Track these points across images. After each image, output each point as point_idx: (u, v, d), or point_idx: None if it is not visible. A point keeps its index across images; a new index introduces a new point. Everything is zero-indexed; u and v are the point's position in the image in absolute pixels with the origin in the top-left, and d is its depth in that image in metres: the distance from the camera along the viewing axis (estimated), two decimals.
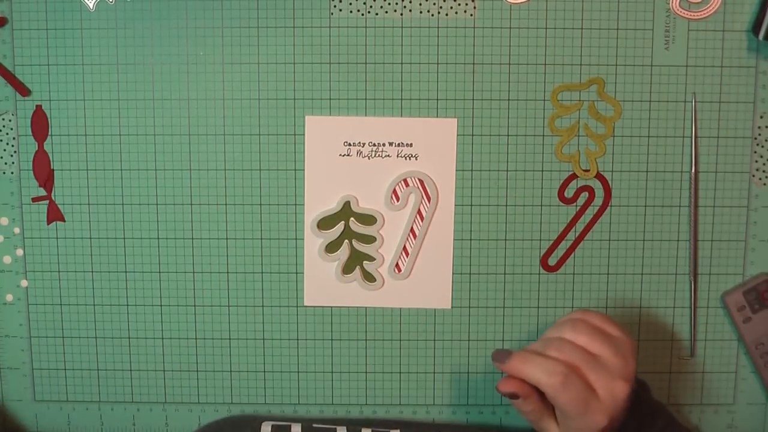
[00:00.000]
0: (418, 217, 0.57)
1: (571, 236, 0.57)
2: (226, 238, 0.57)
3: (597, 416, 0.45)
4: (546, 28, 0.56)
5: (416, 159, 0.57)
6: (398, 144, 0.56)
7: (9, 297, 0.58)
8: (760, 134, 0.57)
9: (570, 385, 0.45)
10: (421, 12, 0.56)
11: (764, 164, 0.57)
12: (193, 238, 0.57)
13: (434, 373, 0.59)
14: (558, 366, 0.45)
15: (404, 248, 0.57)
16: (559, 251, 0.58)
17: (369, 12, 0.56)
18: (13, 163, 0.57)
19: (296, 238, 0.57)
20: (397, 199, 0.57)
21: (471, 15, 0.56)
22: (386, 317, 0.58)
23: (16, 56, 0.56)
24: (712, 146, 0.57)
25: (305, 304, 0.58)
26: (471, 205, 0.57)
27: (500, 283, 0.58)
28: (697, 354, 0.58)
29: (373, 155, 0.57)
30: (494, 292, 0.58)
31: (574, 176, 0.57)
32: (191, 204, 0.57)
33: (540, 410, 0.48)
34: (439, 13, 0.56)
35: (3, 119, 0.57)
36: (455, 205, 0.57)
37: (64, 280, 0.58)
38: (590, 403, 0.45)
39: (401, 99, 0.56)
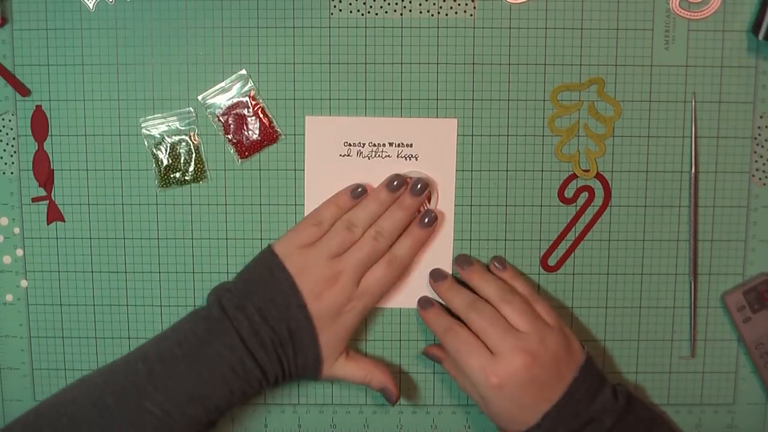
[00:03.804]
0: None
1: (571, 236, 0.57)
2: (226, 239, 0.57)
3: (485, 372, 0.49)
4: (546, 28, 0.56)
5: (416, 159, 0.57)
6: (398, 144, 0.56)
7: (9, 297, 0.58)
8: (760, 134, 0.57)
9: (458, 334, 0.51)
10: (421, 12, 0.56)
11: (764, 164, 0.57)
12: (193, 239, 0.57)
13: (434, 373, 0.59)
14: (454, 314, 0.53)
15: None
16: (559, 251, 0.58)
17: (369, 12, 0.56)
18: (13, 163, 0.57)
19: None
20: None
21: (471, 15, 0.56)
22: (386, 317, 0.58)
23: (16, 56, 0.56)
24: (712, 146, 0.57)
25: None
26: (471, 205, 0.57)
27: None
28: (697, 354, 0.58)
29: (373, 155, 0.57)
30: None
31: (574, 176, 0.57)
32: (191, 204, 0.57)
33: (457, 371, 0.54)
34: (439, 13, 0.56)
35: (3, 119, 0.57)
36: (455, 205, 0.57)
37: (64, 280, 0.58)
38: (474, 357, 0.50)
39: (401, 99, 0.56)
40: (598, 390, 0.50)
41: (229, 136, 0.56)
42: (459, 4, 0.55)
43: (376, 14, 0.56)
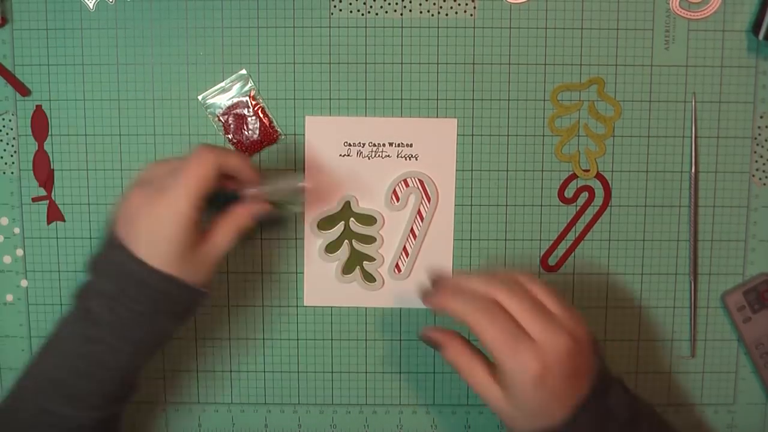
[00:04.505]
0: (418, 217, 0.57)
1: (571, 236, 0.57)
2: None
3: (528, 358, 0.42)
4: (546, 28, 0.56)
5: (416, 159, 0.57)
6: (398, 144, 0.56)
7: (9, 297, 0.58)
8: (760, 134, 0.57)
9: (496, 318, 0.43)
10: (421, 12, 0.56)
11: (764, 164, 0.57)
12: None
13: (434, 373, 0.59)
14: (483, 299, 0.43)
15: (404, 248, 0.57)
16: (559, 251, 0.58)
17: (369, 12, 0.56)
18: (13, 163, 0.57)
19: (296, 238, 0.57)
20: (397, 200, 0.57)
21: (471, 15, 0.56)
22: (386, 317, 0.58)
23: (16, 56, 0.56)
24: (712, 146, 0.57)
25: (305, 304, 0.58)
26: (471, 205, 0.57)
27: None
28: (697, 354, 0.58)
29: (373, 155, 0.57)
30: None
31: (574, 176, 0.57)
32: None
33: (468, 360, 0.46)
34: (439, 13, 0.56)
35: (3, 119, 0.57)
36: (455, 205, 0.57)
37: (64, 280, 0.58)
38: (520, 343, 0.42)
39: (401, 99, 0.56)
40: (612, 379, 0.46)
41: (229, 136, 0.56)
42: (459, 4, 0.55)
43: (376, 14, 0.56)
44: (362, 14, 0.56)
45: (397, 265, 0.57)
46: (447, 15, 0.56)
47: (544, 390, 0.42)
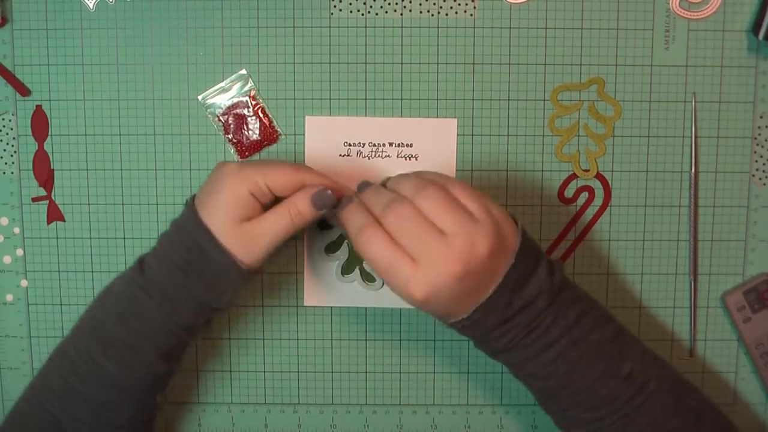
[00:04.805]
0: None
1: (571, 236, 0.57)
2: None
3: (448, 258, 0.42)
4: (546, 28, 0.56)
5: (416, 159, 0.57)
6: (398, 144, 0.56)
7: (9, 297, 0.58)
8: (760, 134, 0.57)
9: (369, 236, 0.43)
10: (421, 12, 0.56)
11: (764, 164, 0.57)
12: None
13: (434, 373, 0.59)
14: (390, 195, 0.44)
15: None
16: (559, 251, 0.58)
17: (369, 12, 0.56)
18: (13, 163, 0.57)
19: (296, 238, 0.57)
20: None
21: (471, 15, 0.56)
22: (386, 317, 0.58)
23: (16, 56, 0.56)
24: (712, 146, 0.57)
25: (305, 304, 0.58)
26: None
27: None
28: (696, 354, 0.58)
29: (373, 155, 0.57)
30: None
31: (574, 176, 0.57)
32: None
33: (388, 242, 0.44)
34: (439, 13, 0.56)
35: (3, 119, 0.57)
36: None
37: (64, 280, 0.58)
38: (394, 267, 0.42)
39: (401, 99, 0.56)
40: (532, 272, 0.45)
41: (229, 136, 0.56)
42: (459, 4, 0.55)
43: (376, 14, 0.56)
44: (362, 14, 0.56)
45: None
46: (447, 15, 0.56)
47: (433, 308, 0.43)
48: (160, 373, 0.49)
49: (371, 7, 0.56)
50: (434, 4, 0.55)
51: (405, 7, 0.55)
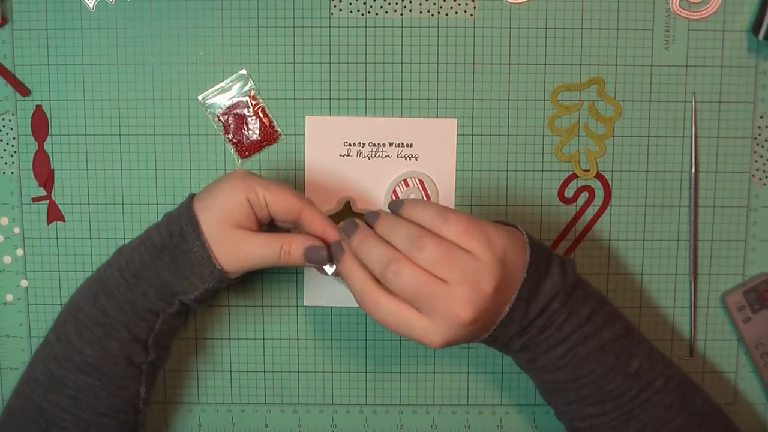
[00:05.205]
0: None
1: (571, 236, 0.57)
2: None
3: (456, 308, 0.41)
4: (546, 28, 0.56)
5: (416, 159, 0.57)
6: (398, 144, 0.56)
7: (9, 297, 0.58)
8: (760, 134, 0.57)
9: (399, 273, 0.42)
10: (421, 12, 0.56)
11: (764, 164, 0.57)
12: None
13: (434, 373, 0.59)
14: (386, 253, 0.43)
15: None
16: (559, 251, 0.58)
17: (369, 12, 0.56)
18: (13, 163, 0.57)
19: None
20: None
21: (471, 15, 0.56)
22: None
23: (16, 56, 0.56)
24: (712, 146, 0.57)
25: (305, 304, 0.58)
26: (471, 205, 0.57)
27: None
28: (697, 354, 0.58)
29: (373, 155, 0.57)
30: None
31: (574, 176, 0.57)
32: None
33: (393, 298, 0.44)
34: (439, 13, 0.56)
35: (3, 119, 0.57)
36: (455, 205, 0.57)
37: (64, 280, 0.58)
38: (436, 293, 0.42)
39: (401, 99, 0.56)
40: (545, 276, 0.45)
41: (229, 136, 0.56)
42: (459, 4, 0.55)
43: (376, 14, 0.56)
44: (362, 14, 0.56)
45: None
46: (447, 15, 0.56)
47: (476, 326, 0.43)
48: (138, 359, 0.49)
49: (371, 7, 0.56)
50: (434, 4, 0.55)
51: (405, 7, 0.55)
